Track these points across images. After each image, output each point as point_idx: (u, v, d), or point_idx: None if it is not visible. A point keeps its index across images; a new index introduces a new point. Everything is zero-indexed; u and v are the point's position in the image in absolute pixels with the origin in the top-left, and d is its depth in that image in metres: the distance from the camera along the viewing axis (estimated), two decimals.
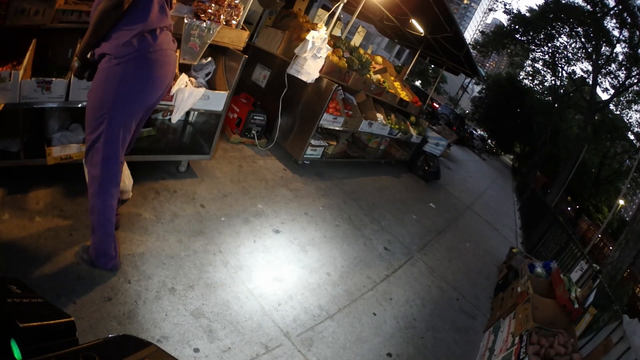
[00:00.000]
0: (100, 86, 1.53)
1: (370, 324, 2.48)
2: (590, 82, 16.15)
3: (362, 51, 4.93)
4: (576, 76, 18.80)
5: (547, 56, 18.97)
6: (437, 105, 18.27)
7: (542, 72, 20.93)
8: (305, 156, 4.21)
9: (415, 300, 3.03)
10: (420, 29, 5.98)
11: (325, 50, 3.78)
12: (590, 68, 16.30)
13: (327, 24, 4.38)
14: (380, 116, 5.15)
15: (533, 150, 22.69)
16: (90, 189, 1.67)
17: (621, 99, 17.65)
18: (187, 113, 3.03)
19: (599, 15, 14.79)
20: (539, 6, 17.10)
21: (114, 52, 1.48)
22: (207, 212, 2.67)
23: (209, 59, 2.80)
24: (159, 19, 1.54)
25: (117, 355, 0.80)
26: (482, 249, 5.25)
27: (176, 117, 2.47)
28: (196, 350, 1.70)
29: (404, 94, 5.88)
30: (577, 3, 15.68)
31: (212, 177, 3.14)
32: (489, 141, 31.33)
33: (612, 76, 15.98)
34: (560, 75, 19.12)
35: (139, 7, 1.46)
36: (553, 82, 19.90)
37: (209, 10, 2.34)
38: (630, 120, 18.77)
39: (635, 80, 15.22)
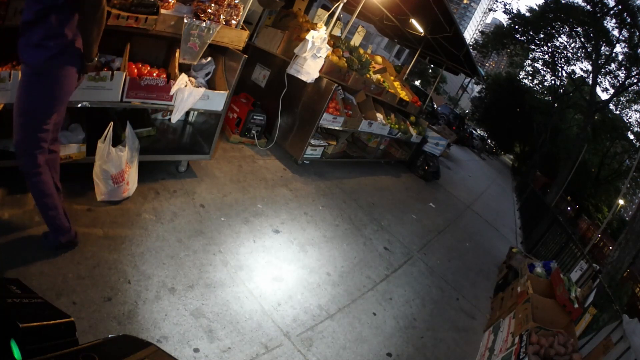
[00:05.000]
0: None
1: (370, 323, 2.48)
2: (590, 82, 16.15)
3: (361, 51, 4.93)
4: (576, 76, 18.78)
5: (546, 56, 18.96)
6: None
7: (542, 71, 20.93)
8: (305, 156, 4.21)
9: (415, 300, 3.03)
10: (420, 29, 5.98)
11: (325, 50, 3.78)
12: (590, 68, 16.29)
13: (326, 23, 4.37)
14: (380, 116, 5.14)
15: (533, 150, 22.67)
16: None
17: (621, 98, 17.65)
18: (187, 113, 3.03)
19: (598, 15, 14.78)
20: (539, 6, 17.09)
21: None
22: (206, 212, 2.67)
23: (209, 58, 2.80)
24: None
25: (117, 355, 0.80)
26: (482, 248, 5.25)
27: (176, 117, 2.47)
28: (196, 350, 1.70)
29: (403, 94, 5.88)
30: (577, 3, 15.68)
31: (212, 177, 3.14)
32: (489, 141, 31.32)
33: (612, 76, 15.97)
34: (560, 75, 19.11)
35: None
36: (553, 82, 19.88)
37: (209, 10, 2.34)
38: (630, 120, 18.79)
39: (635, 80, 15.20)
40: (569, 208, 25.91)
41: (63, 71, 1.53)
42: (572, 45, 17.14)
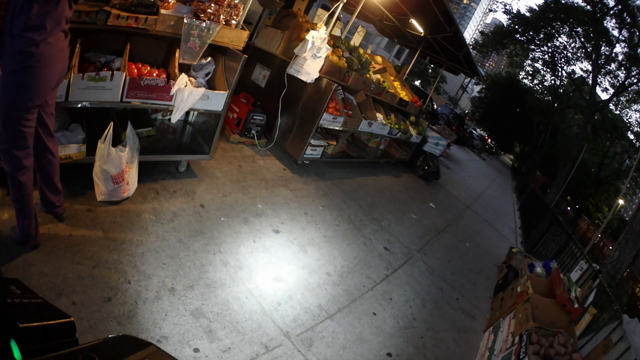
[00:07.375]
0: None
1: (370, 323, 2.48)
2: (590, 82, 16.16)
3: (361, 51, 4.93)
4: (576, 76, 18.81)
5: (546, 56, 18.99)
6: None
7: (542, 71, 20.97)
8: (305, 156, 4.21)
9: (415, 300, 3.03)
10: (420, 29, 5.98)
11: (325, 50, 3.77)
12: (590, 68, 16.31)
13: (326, 23, 4.37)
14: (380, 116, 5.14)
15: (533, 150, 22.69)
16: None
17: (621, 98, 17.67)
18: (187, 113, 3.03)
19: (598, 15, 14.80)
20: (539, 6, 17.11)
21: None
22: (206, 212, 2.67)
23: (209, 58, 2.80)
24: None
25: (117, 355, 0.80)
26: (481, 248, 5.25)
27: (176, 117, 2.47)
28: (196, 350, 1.70)
29: (403, 94, 5.88)
30: (577, 3, 15.69)
31: (212, 177, 3.14)
32: (489, 141, 31.32)
33: (612, 76, 15.99)
34: (559, 75, 19.14)
35: None
36: (553, 81, 19.92)
37: (209, 10, 2.34)
38: (630, 120, 18.82)
39: (635, 80, 15.22)
40: (569, 208, 25.93)
41: (36, 66, 1.48)
42: (572, 45, 17.17)
